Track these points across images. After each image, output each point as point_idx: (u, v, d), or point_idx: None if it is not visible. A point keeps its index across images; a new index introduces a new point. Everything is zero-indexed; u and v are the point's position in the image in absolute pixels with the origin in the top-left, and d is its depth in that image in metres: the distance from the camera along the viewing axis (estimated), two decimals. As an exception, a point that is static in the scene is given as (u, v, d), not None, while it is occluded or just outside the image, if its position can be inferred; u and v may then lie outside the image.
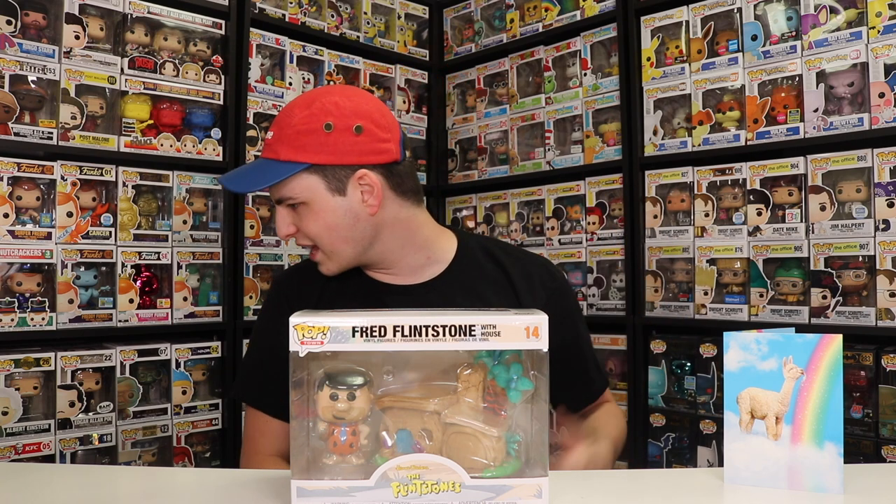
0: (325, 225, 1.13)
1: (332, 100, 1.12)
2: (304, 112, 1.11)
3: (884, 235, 1.80)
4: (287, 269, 1.37)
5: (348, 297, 1.23)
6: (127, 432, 2.00)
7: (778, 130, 1.99)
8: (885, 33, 1.81)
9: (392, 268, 1.23)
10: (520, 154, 2.63)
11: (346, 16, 2.63)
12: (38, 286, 1.91)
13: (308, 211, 1.13)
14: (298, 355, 0.76)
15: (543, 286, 1.27)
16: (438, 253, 1.24)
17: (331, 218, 1.13)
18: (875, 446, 1.78)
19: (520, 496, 0.77)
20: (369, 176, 1.12)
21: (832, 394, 0.85)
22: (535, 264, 1.31)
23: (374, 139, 1.12)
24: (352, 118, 1.11)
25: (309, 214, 1.13)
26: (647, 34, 2.27)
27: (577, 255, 2.44)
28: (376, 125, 1.13)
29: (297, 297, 1.24)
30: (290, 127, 1.11)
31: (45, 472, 1.04)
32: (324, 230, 1.14)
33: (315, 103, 1.12)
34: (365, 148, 1.11)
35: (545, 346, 0.76)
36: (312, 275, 1.24)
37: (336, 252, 1.16)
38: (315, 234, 1.14)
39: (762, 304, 2.00)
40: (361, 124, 1.11)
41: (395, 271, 1.23)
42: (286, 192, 1.13)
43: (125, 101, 2.05)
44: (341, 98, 1.13)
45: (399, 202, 1.17)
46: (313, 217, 1.13)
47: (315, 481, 0.77)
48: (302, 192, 1.12)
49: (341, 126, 1.10)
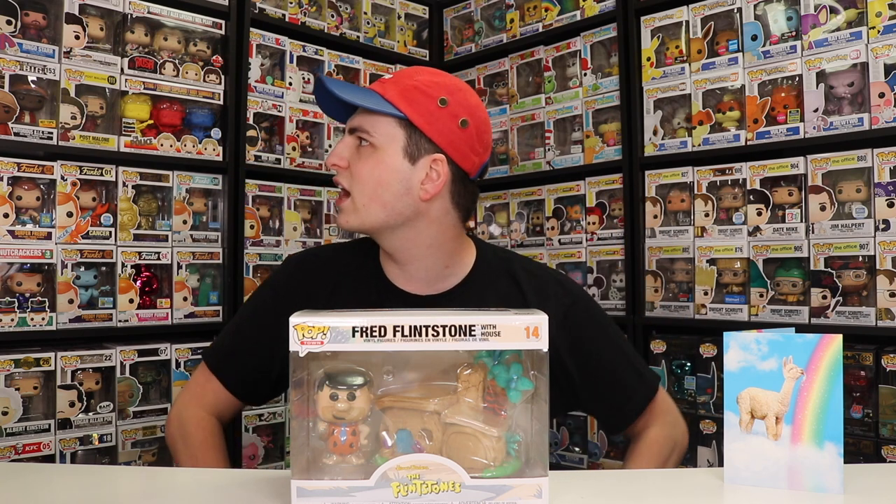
0: (378, 177, 1.10)
1: (459, 86, 1.14)
2: (431, 78, 1.12)
3: (884, 235, 1.80)
4: (304, 254, 1.30)
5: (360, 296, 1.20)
6: (127, 432, 2.00)
7: (778, 130, 1.99)
8: (885, 33, 1.81)
9: (408, 264, 1.18)
10: (520, 154, 2.63)
11: (346, 16, 2.63)
12: (38, 286, 1.91)
13: (372, 155, 1.10)
14: (298, 355, 0.75)
15: (559, 303, 1.20)
16: (457, 266, 1.20)
17: (386, 174, 1.10)
18: (875, 446, 1.78)
19: (520, 496, 0.77)
20: (443, 164, 1.10)
21: (832, 394, 0.85)
22: (551, 282, 1.25)
23: (469, 142, 1.12)
24: (465, 112, 1.11)
25: (371, 159, 1.10)
26: (647, 34, 2.27)
27: (577, 255, 2.44)
28: (478, 135, 1.13)
29: (308, 287, 1.21)
30: (410, 80, 1.11)
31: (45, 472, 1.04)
32: (373, 181, 1.10)
33: (444, 80, 1.13)
34: (458, 142, 1.11)
35: (545, 346, 0.76)
36: (329, 267, 1.22)
37: (367, 209, 1.11)
38: (363, 180, 1.10)
39: (762, 304, 2.00)
40: (469, 122, 1.11)
41: (411, 273, 1.18)
42: (367, 125, 1.11)
43: (125, 101, 2.06)
44: (468, 93, 1.14)
45: (448, 207, 1.14)
46: (373, 163, 1.10)
47: (315, 481, 0.77)
48: (381, 135, 1.10)
49: (453, 111, 1.10)
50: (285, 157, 2.40)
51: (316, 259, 1.28)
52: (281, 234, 2.37)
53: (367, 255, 1.24)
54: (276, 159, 2.38)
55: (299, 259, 1.29)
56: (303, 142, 2.47)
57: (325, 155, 2.51)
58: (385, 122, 1.10)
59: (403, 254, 1.16)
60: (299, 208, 2.44)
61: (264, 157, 2.35)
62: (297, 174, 2.44)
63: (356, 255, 1.26)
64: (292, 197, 2.41)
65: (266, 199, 2.37)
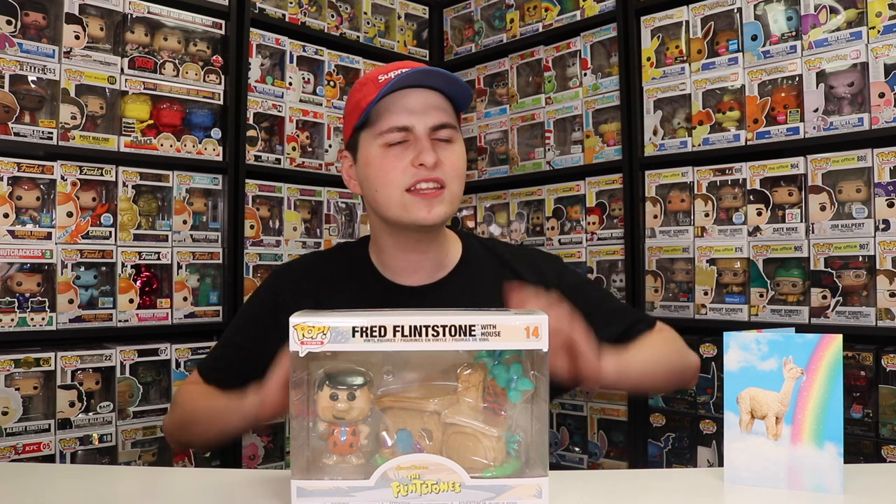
0: (463, 170, 1.16)
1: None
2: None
3: (884, 235, 1.80)
4: (287, 265, 1.34)
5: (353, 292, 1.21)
6: (127, 432, 2.00)
7: (778, 130, 1.99)
8: (885, 33, 1.81)
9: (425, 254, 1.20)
10: (520, 154, 2.63)
11: (346, 16, 2.63)
12: (38, 286, 1.91)
13: (457, 151, 1.15)
14: (298, 355, 0.75)
15: (552, 270, 1.28)
16: (451, 253, 1.25)
17: (464, 165, 1.17)
18: (875, 446, 1.78)
19: (520, 496, 0.77)
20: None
21: (832, 394, 0.85)
22: (536, 255, 1.35)
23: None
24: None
25: (455, 151, 1.15)
26: (647, 34, 2.27)
27: (577, 255, 2.44)
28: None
29: (294, 291, 1.23)
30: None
31: (45, 472, 1.04)
32: (462, 174, 1.16)
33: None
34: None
35: (545, 346, 0.76)
36: (312, 274, 1.24)
37: (457, 199, 1.16)
38: (457, 174, 1.15)
39: (762, 304, 2.00)
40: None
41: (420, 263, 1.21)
42: (453, 119, 1.16)
43: (125, 101, 2.05)
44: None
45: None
46: (458, 156, 1.15)
47: (315, 481, 0.77)
48: (458, 132, 1.17)
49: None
50: (285, 157, 2.40)
51: (299, 267, 1.30)
52: (281, 234, 2.37)
53: (354, 256, 1.26)
54: (276, 159, 2.38)
55: (281, 271, 1.32)
56: (303, 142, 2.47)
57: (325, 155, 2.51)
58: (453, 115, 1.16)
59: (429, 243, 1.20)
60: (299, 208, 2.44)
61: (264, 157, 2.35)
62: (297, 174, 2.44)
63: (341, 258, 1.28)
64: (292, 197, 2.41)
65: (266, 199, 2.36)
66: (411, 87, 1.12)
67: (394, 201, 1.11)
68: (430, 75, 1.11)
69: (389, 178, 1.11)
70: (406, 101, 1.11)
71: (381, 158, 1.12)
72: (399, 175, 1.10)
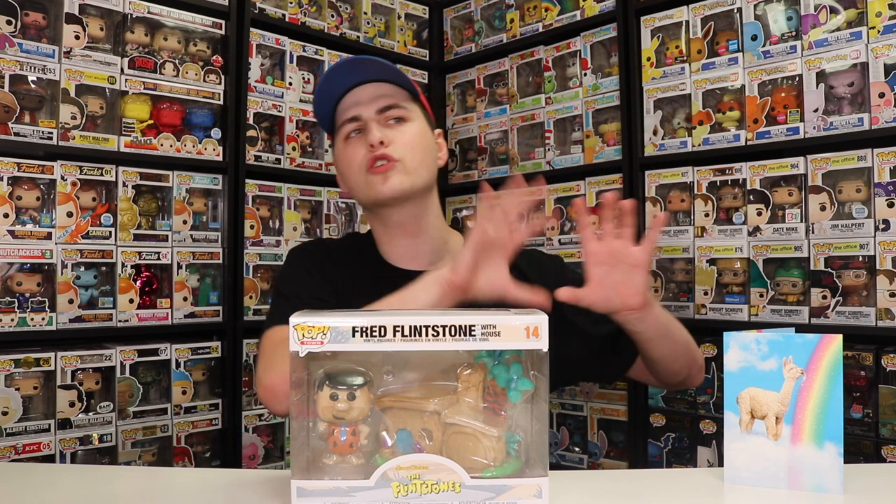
0: (420, 144, 1.24)
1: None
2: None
3: (884, 235, 1.80)
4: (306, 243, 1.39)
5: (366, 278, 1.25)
6: (127, 432, 2.00)
7: (778, 130, 1.99)
8: (885, 33, 1.81)
9: (418, 236, 1.27)
10: (520, 154, 2.63)
11: (346, 16, 2.63)
12: (38, 286, 1.91)
13: (409, 128, 1.24)
14: (298, 355, 0.76)
15: (553, 265, 1.37)
16: (451, 244, 1.30)
17: (423, 141, 1.25)
18: (875, 446, 1.78)
19: (520, 496, 0.77)
20: (442, 139, 1.33)
21: (832, 394, 0.85)
22: (534, 252, 1.39)
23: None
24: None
25: (409, 131, 1.24)
26: (647, 34, 2.27)
27: (577, 255, 2.43)
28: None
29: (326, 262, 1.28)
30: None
31: (45, 472, 1.04)
32: (418, 148, 1.24)
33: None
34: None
35: (545, 346, 0.76)
36: (334, 253, 1.30)
37: (416, 171, 1.23)
38: (410, 147, 1.22)
39: (762, 304, 2.00)
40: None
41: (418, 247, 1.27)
42: (402, 101, 1.24)
43: (125, 101, 2.05)
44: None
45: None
46: (412, 134, 1.24)
47: (315, 481, 0.77)
48: (411, 112, 1.25)
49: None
50: (285, 157, 2.40)
51: (321, 245, 1.39)
52: (281, 234, 2.37)
53: (362, 243, 1.33)
54: (276, 159, 2.38)
55: (306, 248, 1.36)
56: (303, 142, 2.47)
57: (325, 155, 2.51)
58: (406, 98, 1.25)
59: (417, 224, 1.26)
60: (299, 208, 2.44)
61: (264, 157, 2.35)
62: (297, 174, 2.44)
63: (351, 244, 1.36)
64: (292, 197, 2.41)
65: (266, 199, 2.36)
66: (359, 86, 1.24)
67: (360, 184, 1.23)
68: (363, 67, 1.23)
69: (352, 165, 1.23)
70: (355, 97, 1.23)
71: (343, 150, 1.25)
72: (359, 159, 1.22)
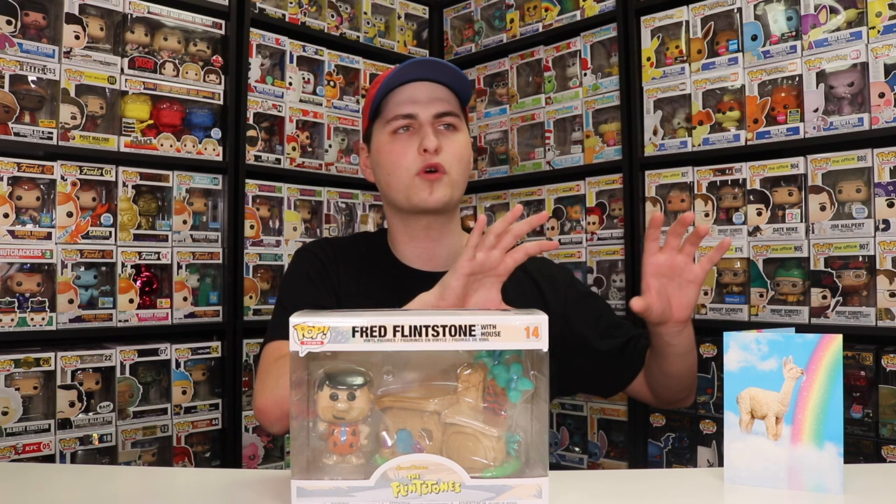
0: (465, 157, 1.24)
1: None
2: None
3: (884, 235, 1.80)
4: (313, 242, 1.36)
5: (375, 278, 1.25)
6: (127, 432, 2.00)
7: (778, 130, 1.99)
8: (885, 33, 1.81)
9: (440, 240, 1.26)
10: (520, 154, 2.63)
11: (346, 16, 2.63)
12: (38, 286, 1.91)
13: (459, 139, 1.23)
14: (298, 355, 0.76)
15: (564, 276, 1.36)
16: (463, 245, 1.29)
17: (468, 154, 1.25)
18: (875, 446, 1.78)
19: (520, 496, 0.77)
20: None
21: (832, 394, 0.85)
22: (546, 262, 1.40)
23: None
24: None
25: (458, 142, 1.22)
26: (647, 34, 2.27)
27: (577, 255, 2.44)
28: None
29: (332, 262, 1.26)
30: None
31: (45, 472, 1.04)
32: (463, 161, 1.23)
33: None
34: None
35: (545, 346, 0.76)
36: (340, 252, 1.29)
37: (458, 185, 1.22)
38: (458, 159, 1.21)
39: (762, 304, 2.00)
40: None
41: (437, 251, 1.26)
42: (456, 108, 1.23)
43: (125, 101, 2.05)
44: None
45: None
46: (460, 145, 1.22)
47: (315, 481, 0.77)
48: (461, 121, 1.25)
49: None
50: (285, 157, 2.40)
51: (327, 245, 1.34)
52: (281, 234, 2.37)
53: (373, 242, 1.32)
54: (276, 159, 2.38)
55: (313, 247, 1.33)
56: (303, 142, 2.47)
57: (325, 155, 2.51)
58: (458, 106, 1.24)
59: (441, 230, 1.26)
60: (299, 208, 2.44)
61: (264, 157, 2.35)
62: (297, 174, 2.44)
63: (362, 244, 1.33)
64: (292, 197, 2.41)
65: (266, 199, 2.37)
66: (417, 81, 1.20)
67: (403, 184, 1.20)
68: (432, 67, 1.19)
69: (399, 162, 1.20)
70: (411, 93, 1.20)
71: (389, 145, 1.21)
72: (409, 160, 1.19)
